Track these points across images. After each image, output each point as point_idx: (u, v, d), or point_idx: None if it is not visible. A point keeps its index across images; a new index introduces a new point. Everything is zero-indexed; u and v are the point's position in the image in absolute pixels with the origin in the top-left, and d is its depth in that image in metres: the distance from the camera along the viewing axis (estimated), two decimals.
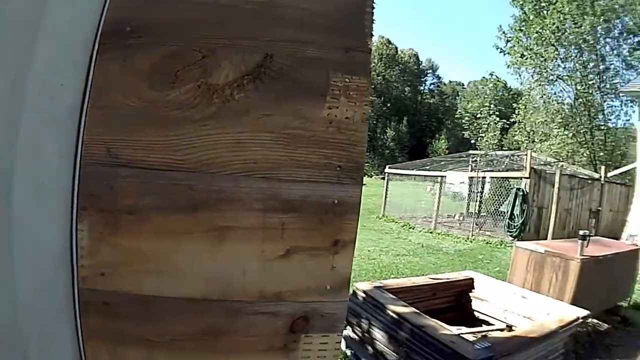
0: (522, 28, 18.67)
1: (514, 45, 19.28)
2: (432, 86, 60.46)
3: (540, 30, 17.17)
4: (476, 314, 3.34)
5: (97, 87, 0.87)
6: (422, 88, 58.98)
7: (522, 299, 3.07)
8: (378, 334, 2.65)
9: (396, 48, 56.53)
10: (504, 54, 19.90)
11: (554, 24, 16.52)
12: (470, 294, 3.44)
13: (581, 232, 3.73)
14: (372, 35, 0.97)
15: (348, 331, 2.99)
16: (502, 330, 2.70)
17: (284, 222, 0.96)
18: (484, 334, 2.46)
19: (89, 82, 0.87)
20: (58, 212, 0.91)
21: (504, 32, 19.65)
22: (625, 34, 16.93)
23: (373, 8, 0.98)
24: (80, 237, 0.92)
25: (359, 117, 0.97)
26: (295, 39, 0.95)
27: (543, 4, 17.53)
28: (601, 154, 17.26)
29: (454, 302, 3.46)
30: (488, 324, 3.15)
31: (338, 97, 0.95)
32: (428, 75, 60.43)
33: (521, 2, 18.62)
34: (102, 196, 0.91)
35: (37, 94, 0.84)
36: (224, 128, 0.90)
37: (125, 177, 0.90)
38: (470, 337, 2.27)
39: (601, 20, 15.91)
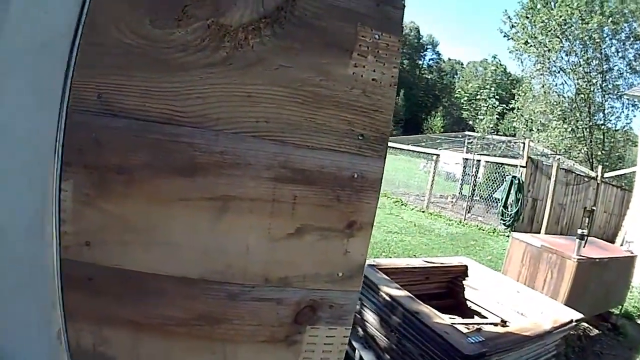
0: (529, 16, 18.31)
1: (518, 32, 19.03)
2: (431, 62, 59.90)
3: (546, 20, 16.92)
4: (468, 303, 3.22)
5: (92, 20, 0.74)
6: (420, 62, 58.12)
7: (516, 294, 2.95)
8: (370, 316, 2.54)
9: None
10: (508, 39, 19.67)
11: (561, 16, 16.28)
12: (464, 282, 3.32)
13: (580, 232, 3.57)
14: None
15: None
16: (496, 324, 2.60)
17: (295, 195, 0.83)
18: (478, 327, 2.36)
19: (83, 13, 0.74)
20: (36, 168, 0.79)
21: (509, 17, 19.38)
22: (632, 39, 16.77)
23: None
24: (63, 199, 0.80)
25: (387, 80, 0.84)
26: None
27: None
28: (599, 153, 17.02)
29: (447, 288, 3.35)
30: (480, 315, 3.05)
31: (366, 55, 0.83)
32: (427, 50, 59.71)
33: None
34: (89, 151, 0.78)
35: (20, 21, 0.72)
36: (234, 77, 0.77)
37: (116, 129, 0.77)
38: (463, 329, 2.18)
39: (609, 21, 15.71)
